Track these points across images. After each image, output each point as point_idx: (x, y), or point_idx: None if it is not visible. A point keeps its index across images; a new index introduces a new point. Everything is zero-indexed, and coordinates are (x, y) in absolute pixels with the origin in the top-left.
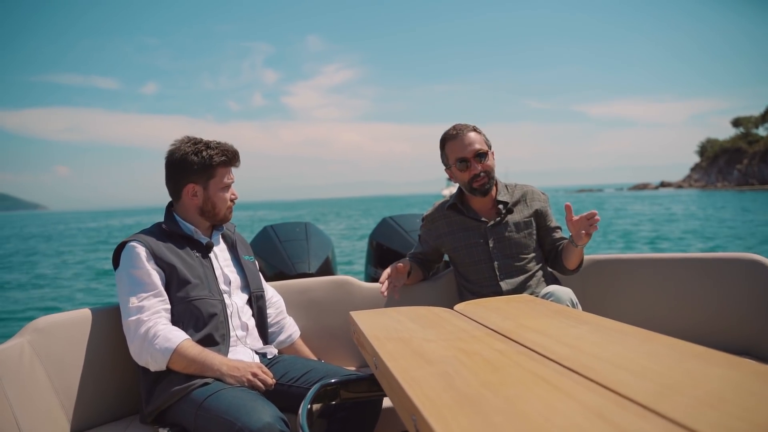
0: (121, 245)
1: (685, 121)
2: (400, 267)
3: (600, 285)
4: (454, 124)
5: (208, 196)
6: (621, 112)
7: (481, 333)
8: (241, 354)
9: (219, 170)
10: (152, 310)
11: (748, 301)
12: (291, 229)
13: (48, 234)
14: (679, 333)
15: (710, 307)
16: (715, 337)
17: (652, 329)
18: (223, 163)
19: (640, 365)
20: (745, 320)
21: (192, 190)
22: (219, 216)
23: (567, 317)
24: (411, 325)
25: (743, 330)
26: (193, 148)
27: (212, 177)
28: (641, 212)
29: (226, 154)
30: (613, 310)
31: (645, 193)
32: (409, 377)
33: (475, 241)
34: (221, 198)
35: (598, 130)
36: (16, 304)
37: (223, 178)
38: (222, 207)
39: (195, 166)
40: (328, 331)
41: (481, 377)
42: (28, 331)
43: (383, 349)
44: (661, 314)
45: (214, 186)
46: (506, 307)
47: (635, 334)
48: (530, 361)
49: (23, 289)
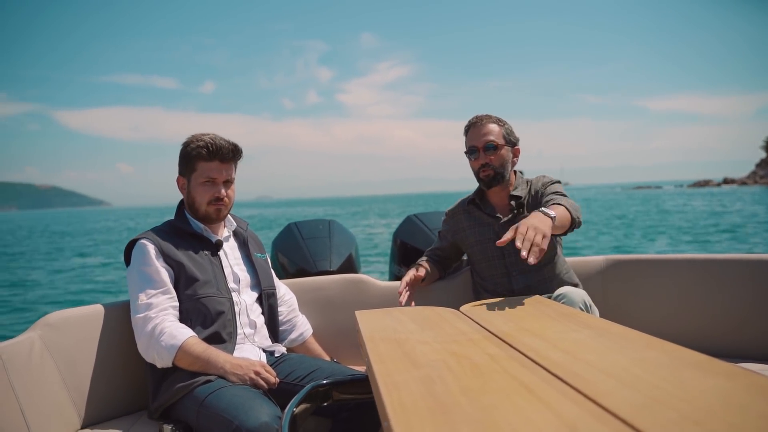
0: (132, 242)
1: (751, 115)
2: (416, 276)
3: (621, 286)
4: (476, 114)
5: (189, 189)
6: (683, 106)
7: (479, 336)
8: (247, 352)
9: (199, 164)
10: (160, 307)
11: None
12: (314, 226)
13: (124, 228)
14: (704, 337)
15: (739, 312)
16: (743, 343)
17: (675, 332)
18: (201, 157)
19: (632, 375)
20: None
21: (181, 183)
22: (200, 212)
23: (572, 321)
24: (411, 326)
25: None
26: (188, 140)
27: (194, 170)
28: (695, 209)
29: (207, 148)
30: (634, 311)
31: (705, 190)
32: (390, 381)
33: (488, 237)
34: (200, 192)
35: (658, 125)
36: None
37: (205, 172)
38: (201, 202)
39: (182, 159)
40: (341, 329)
41: (463, 383)
42: (40, 326)
43: (374, 351)
44: (686, 317)
45: (195, 180)
46: (512, 309)
47: (638, 340)
48: (519, 367)
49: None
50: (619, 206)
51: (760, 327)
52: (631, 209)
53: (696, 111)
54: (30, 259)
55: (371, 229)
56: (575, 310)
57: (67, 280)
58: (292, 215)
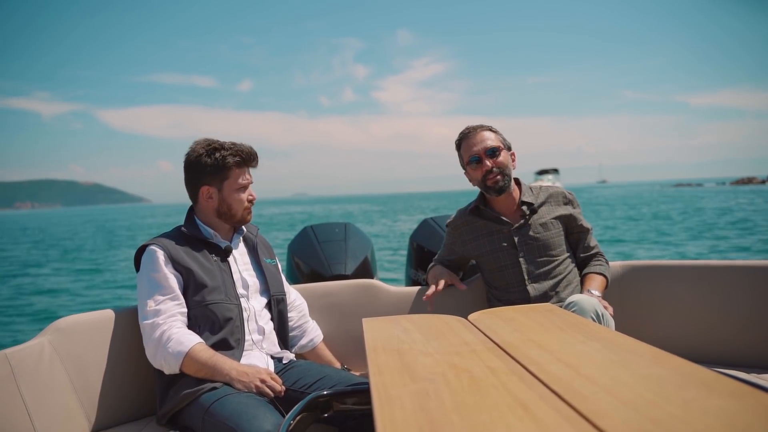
0: (142, 248)
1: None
2: (443, 284)
3: (638, 292)
4: (467, 125)
5: (223, 197)
6: (726, 101)
7: (483, 347)
8: (255, 358)
9: (233, 171)
10: (168, 313)
11: None
12: (330, 229)
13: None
14: (721, 346)
15: (761, 320)
16: (760, 350)
17: (691, 341)
18: (236, 164)
19: (634, 392)
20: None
21: (207, 192)
22: (236, 218)
23: (580, 331)
24: (416, 335)
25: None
26: (206, 149)
27: (226, 178)
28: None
29: (239, 155)
30: (651, 317)
31: (748, 187)
32: (385, 395)
33: (500, 246)
34: (236, 199)
35: (701, 122)
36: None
37: (238, 179)
38: (238, 208)
39: (209, 168)
40: (352, 336)
41: (458, 399)
42: (50, 331)
43: (374, 362)
44: (704, 326)
45: (229, 187)
46: (521, 318)
47: (645, 354)
48: (518, 382)
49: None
50: (642, 205)
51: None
52: (673, 206)
53: (740, 106)
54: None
55: (402, 225)
56: (585, 319)
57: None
58: (327, 214)
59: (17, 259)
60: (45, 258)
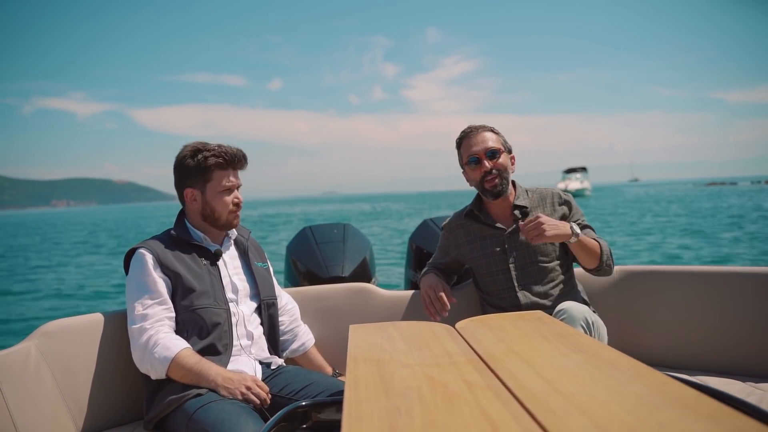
0: (131, 251)
1: None
2: (444, 292)
3: (634, 298)
4: (469, 124)
5: (206, 200)
6: (763, 98)
7: (464, 358)
8: (243, 364)
9: (215, 173)
10: (155, 318)
11: None
12: (329, 230)
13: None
14: (720, 354)
15: (761, 328)
16: (759, 359)
17: (689, 349)
18: (218, 166)
19: (609, 412)
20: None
21: (191, 195)
22: (221, 221)
23: (565, 343)
24: (400, 344)
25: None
26: (191, 151)
27: (209, 180)
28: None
29: (222, 156)
30: (648, 323)
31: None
32: (356, 411)
33: (492, 250)
34: (220, 202)
35: (737, 119)
36: None
37: (221, 181)
38: (222, 211)
39: (191, 170)
40: (345, 340)
41: (429, 417)
42: (37, 335)
43: (353, 373)
44: (703, 334)
45: (212, 189)
46: (509, 327)
47: (627, 369)
48: (494, 399)
49: None
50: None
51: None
52: (706, 206)
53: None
54: None
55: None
56: (572, 329)
57: None
58: (370, 212)
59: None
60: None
